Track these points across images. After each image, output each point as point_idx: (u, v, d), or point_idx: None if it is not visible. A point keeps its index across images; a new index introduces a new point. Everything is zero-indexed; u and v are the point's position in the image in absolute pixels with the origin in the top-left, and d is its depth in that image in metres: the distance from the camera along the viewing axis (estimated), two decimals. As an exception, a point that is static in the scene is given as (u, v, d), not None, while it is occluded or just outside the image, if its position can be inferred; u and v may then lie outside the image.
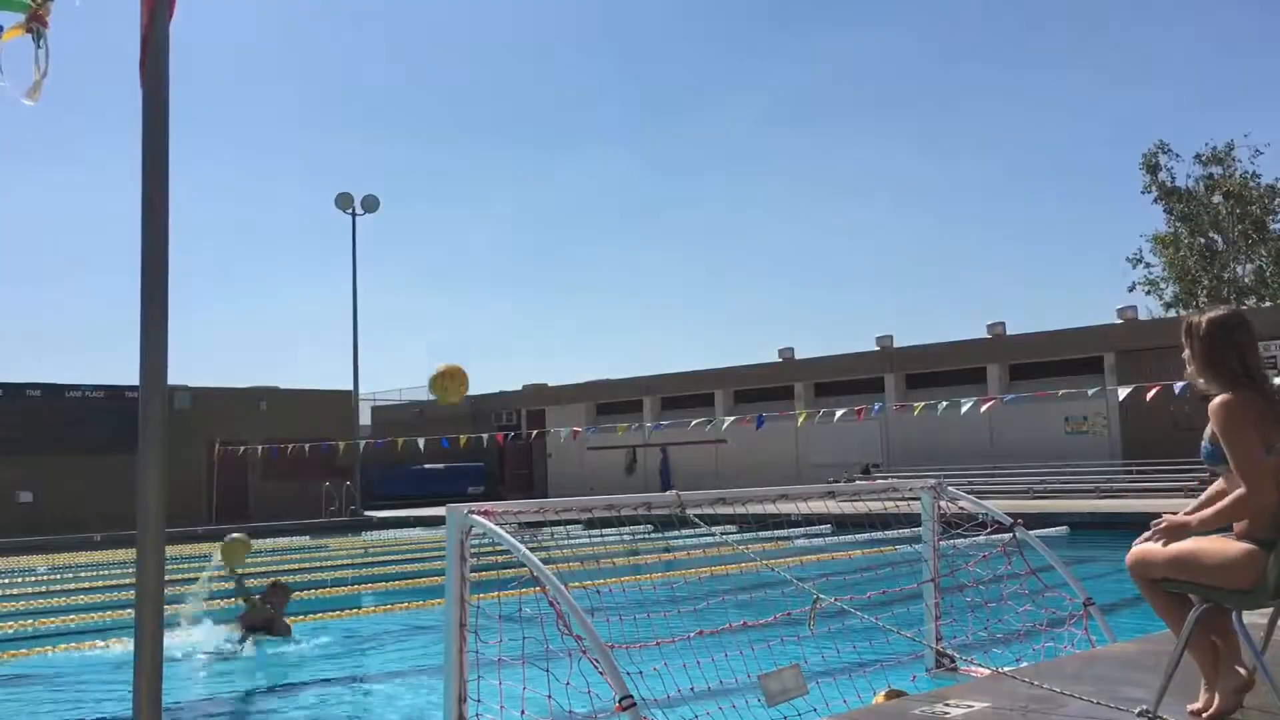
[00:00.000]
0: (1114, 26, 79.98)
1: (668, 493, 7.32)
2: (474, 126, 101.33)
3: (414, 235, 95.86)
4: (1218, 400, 4.64)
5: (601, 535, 11.80)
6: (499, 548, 6.25)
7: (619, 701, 5.37)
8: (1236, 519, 4.63)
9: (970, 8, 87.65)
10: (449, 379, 8.62)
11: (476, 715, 6.10)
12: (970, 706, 5.67)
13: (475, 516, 6.24)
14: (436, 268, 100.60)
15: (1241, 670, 4.85)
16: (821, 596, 6.92)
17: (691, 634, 6.96)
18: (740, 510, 8.08)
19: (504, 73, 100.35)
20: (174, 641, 12.54)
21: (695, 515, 7.36)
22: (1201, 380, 4.81)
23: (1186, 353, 4.87)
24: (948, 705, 5.74)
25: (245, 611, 13.60)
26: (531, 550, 6.06)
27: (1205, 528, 4.71)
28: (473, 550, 6.39)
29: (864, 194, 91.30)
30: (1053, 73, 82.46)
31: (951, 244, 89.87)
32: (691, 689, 6.81)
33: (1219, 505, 4.67)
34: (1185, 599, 4.88)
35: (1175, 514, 4.86)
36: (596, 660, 5.61)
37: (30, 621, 16.02)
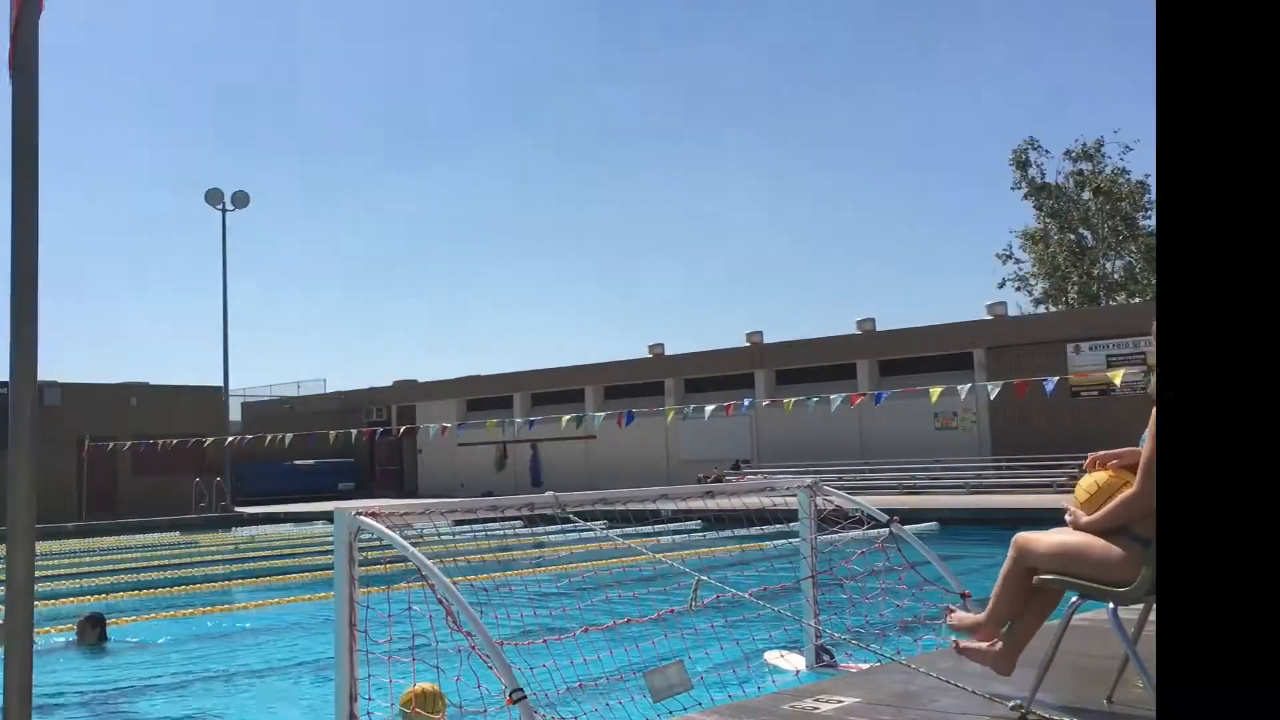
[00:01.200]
0: (986, 20, 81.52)
1: (547, 494, 7.30)
2: (349, 124, 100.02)
3: (286, 231, 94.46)
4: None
5: (470, 531, 11.72)
6: (380, 543, 6.18)
7: (509, 694, 5.35)
8: (1125, 519, 4.73)
9: None
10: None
11: (368, 714, 6.03)
12: (841, 702, 5.71)
13: (363, 519, 6.17)
14: (309, 263, 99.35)
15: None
16: (703, 578, 6.98)
17: (577, 631, 6.94)
18: (619, 508, 8.08)
19: (372, 73, 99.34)
20: None
21: (573, 514, 7.35)
22: (1154, 377, 4.92)
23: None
24: (818, 700, 5.78)
25: None
26: (414, 546, 6.01)
27: (1092, 528, 4.86)
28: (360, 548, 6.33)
29: (734, 188, 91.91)
30: (925, 66, 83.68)
31: (821, 240, 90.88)
32: (579, 684, 6.80)
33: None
34: (1036, 590, 5.03)
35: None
36: (486, 656, 5.58)
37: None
